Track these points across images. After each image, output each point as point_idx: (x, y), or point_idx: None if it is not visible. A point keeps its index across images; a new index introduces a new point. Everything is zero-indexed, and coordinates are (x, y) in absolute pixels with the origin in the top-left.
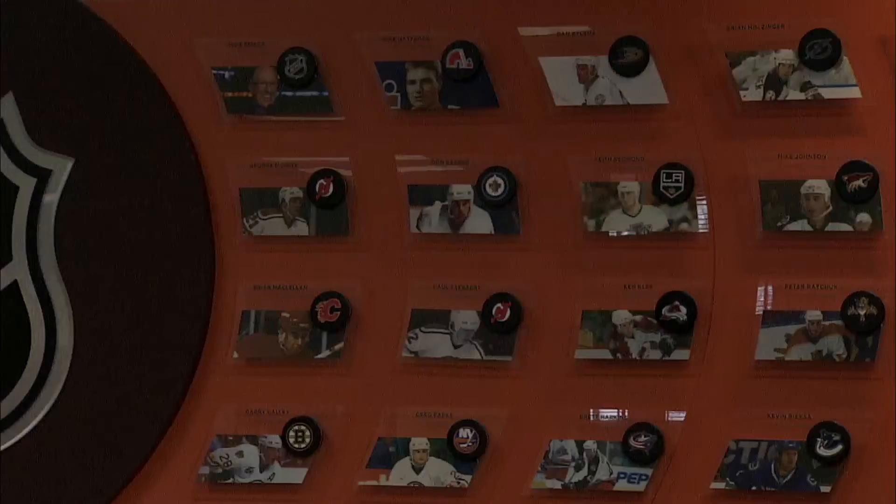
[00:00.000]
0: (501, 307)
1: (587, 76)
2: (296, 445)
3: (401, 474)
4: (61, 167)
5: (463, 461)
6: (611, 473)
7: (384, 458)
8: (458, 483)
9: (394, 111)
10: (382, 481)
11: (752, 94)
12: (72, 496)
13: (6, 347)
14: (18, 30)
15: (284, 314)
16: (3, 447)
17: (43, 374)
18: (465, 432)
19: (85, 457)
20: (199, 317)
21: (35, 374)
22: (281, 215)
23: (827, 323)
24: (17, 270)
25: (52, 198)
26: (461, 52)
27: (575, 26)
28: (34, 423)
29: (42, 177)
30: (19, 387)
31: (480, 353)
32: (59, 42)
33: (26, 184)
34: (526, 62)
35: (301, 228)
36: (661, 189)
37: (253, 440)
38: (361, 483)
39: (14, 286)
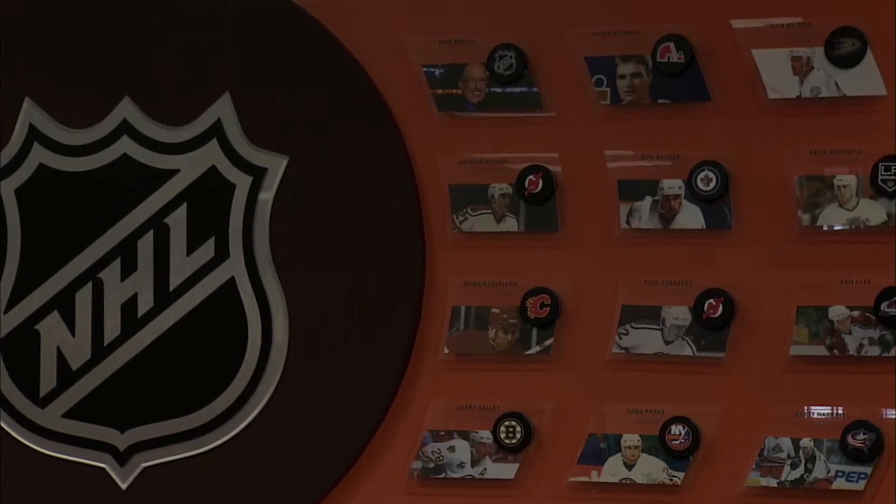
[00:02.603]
0: (714, 303)
1: (801, 68)
2: (507, 441)
3: (612, 471)
4: (276, 165)
5: (675, 458)
6: (828, 472)
7: (595, 455)
8: (671, 480)
9: (603, 106)
10: (594, 477)
11: None
12: (286, 490)
13: (224, 343)
14: (233, 30)
15: (494, 310)
16: (220, 441)
17: (259, 369)
18: (677, 429)
19: (299, 451)
20: (410, 313)
21: (252, 369)
22: (490, 212)
23: None
24: (234, 267)
25: (266, 195)
26: (672, 45)
27: (789, 18)
28: (250, 417)
29: (257, 175)
30: (237, 381)
31: (692, 350)
32: (273, 41)
33: (242, 182)
34: (738, 55)
35: (510, 224)
36: (880, 182)
37: (464, 435)
38: (572, 479)
39: (231, 282)
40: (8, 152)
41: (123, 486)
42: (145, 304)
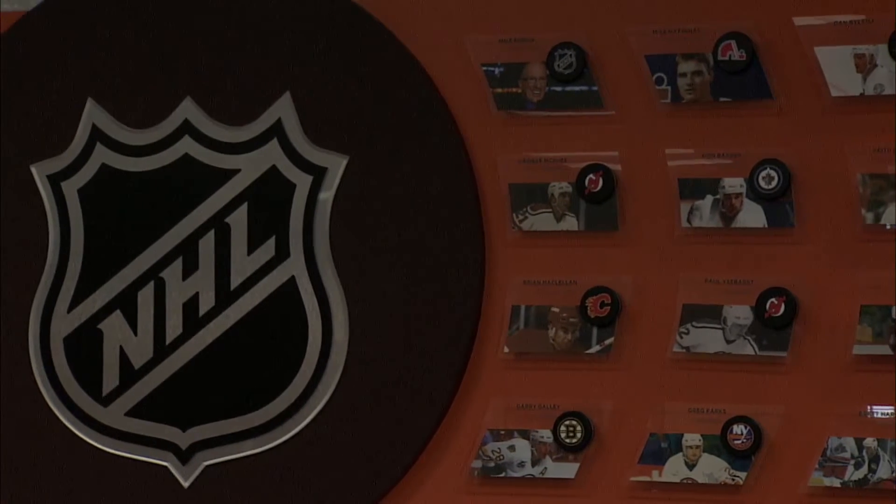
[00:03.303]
0: (776, 302)
1: (865, 66)
2: (567, 440)
3: (674, 470)
4: (336, 165)
5: (737, 458)
6: (892, 471)
7: (656, 454)
8: (733, 480)
9: (664, 104)
10: (655, 477)
11: None
12: (346, 489)
13: (284, 342)
14: (293, 30)
15: (554, 309)
16: (281, 440)
17: (319, 368)
18: (738, 428)
19: (359, 450)
20: (469, 312)
21: (312, 367)
22: (550, 210)
23: None
24: (294, 266)
25: (327, 195)
26: (733, 43)
27: (852, 15)
28: (311, 416)
29: (318, 174)
30: (297, 380)
31: (754, 349)
32: (332, 40)
33: (303, 182)
34: (800, 52)
35: (570, 223)
36: None
37: (524, 434)
38: (633, 479)
39: (291, 282)
40: (71, 152)
41: (185, 484)
42: (206, 303)
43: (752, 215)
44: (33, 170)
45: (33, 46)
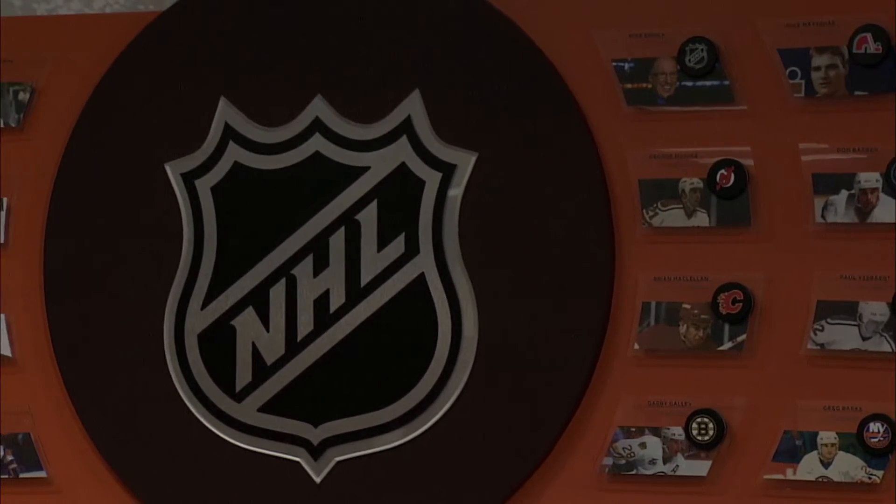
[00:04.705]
0: None
1: None
2: (699, 438)
3: (808, 468)
4: (465, 162)
5: (874, 456)
6: None
7: (790, 452)
8: (870, 478)
9: (797, 99)
10: (789, 475)
11: None
12: (477, 485)
13: (414, 338)
14: (422, 27)
15: (685, 305)
16: (412, 436)
17: (449, 364)
18: (875, 426)
19: (489, 446)
20: (599, 308)
21: (442, 364)
22: (681, 206)
23: None
24: (424, 263)
25: (456, 192)
26: (869, 36)
27: None
28: (441, 412)
29: (447, 171)
30: (427, 376)
31: (891, 346)
32: (460, 37)
33: (432, 178)
34: None
35: (701, 219)
36: None
37: (656, 432)
38: (767, 476)
39: (421, 278)
40: (204, 151)
41: (317, 479)
42: (337, 300)
43: (888, 210)
44: (167, 168)
45: (167, 46)
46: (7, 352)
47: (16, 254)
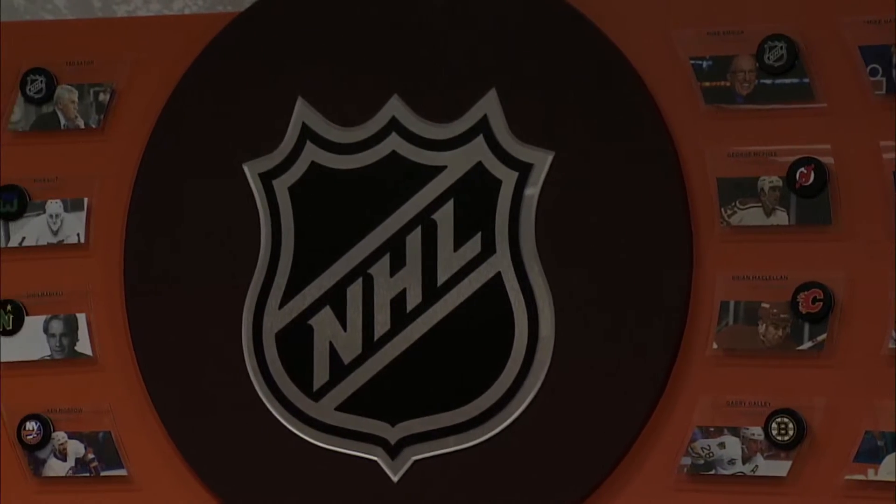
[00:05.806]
0: None
1: None
2: (779, 438)
3: (890, 469)
4: (542, 161)
5: None
6: None
7: (872, 452)
8: None
9: (878, 96)
10: (870, 476)
11: None
12: (554, 485)
13: (491, 337)
14: (499, 26)
15: (764, 305)
16: (488, 435)
17: (526, 363)
18: None
19: (566, 446)
20: (677, 307)
21: (519, 363)
22: (760, 205)
23: None
24: (501, 262)
25: (532, 191)
26: None
27: None
28: (518, 412)
29: (523, 170)
30: (504, 376)
31: None
32: (537, 36)
33: (508, 178)
34: None
35: (781, 218)
36: None
37: (735, 432)
38: (848, 477)
39: (497, 278)
40: (282, 151)
41: (395, 478)
42: (414, 299)
43: None
44: (245, 168)
45: (245, 47)
46: (88, 351)
47: (96, 254)
